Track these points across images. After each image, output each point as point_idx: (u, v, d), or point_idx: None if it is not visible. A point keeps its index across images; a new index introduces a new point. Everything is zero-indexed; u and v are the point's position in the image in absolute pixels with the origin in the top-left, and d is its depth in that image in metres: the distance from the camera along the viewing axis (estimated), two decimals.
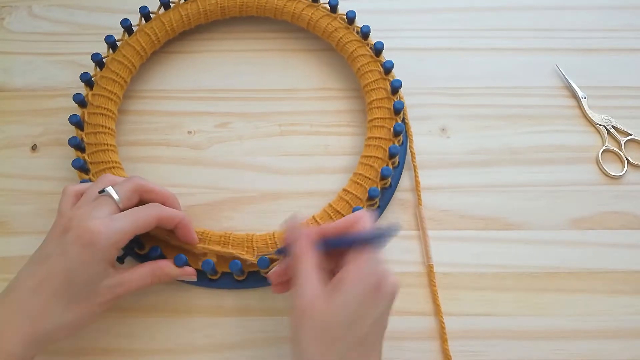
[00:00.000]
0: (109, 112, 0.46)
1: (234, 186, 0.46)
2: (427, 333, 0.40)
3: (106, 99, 0.46)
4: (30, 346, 0.33)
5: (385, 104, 0.45)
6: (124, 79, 0.47)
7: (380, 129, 0.45)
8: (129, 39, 0.49)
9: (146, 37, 0.49)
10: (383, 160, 0.43)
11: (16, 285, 0.34)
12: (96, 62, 0.48)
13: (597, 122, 0.48)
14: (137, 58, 0.48)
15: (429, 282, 0.42)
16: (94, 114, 0.45)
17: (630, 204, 0.45)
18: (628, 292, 0.42)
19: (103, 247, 0.33)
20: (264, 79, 0.51)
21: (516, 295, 0.42)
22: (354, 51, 0.48)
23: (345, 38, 0.48)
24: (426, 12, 0.54)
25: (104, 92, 0.46)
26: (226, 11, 0.51)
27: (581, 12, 0.54)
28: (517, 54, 0.52)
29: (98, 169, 0.43)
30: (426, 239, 0.43)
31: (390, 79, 0.46)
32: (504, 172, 0.46)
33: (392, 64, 0.46)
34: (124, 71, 0.47)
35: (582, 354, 0.40)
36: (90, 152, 0.44)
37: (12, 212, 0.45)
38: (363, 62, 0.47)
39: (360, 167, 0.44)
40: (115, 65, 0.47)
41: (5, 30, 0.54)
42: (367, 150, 0.44)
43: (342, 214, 0.42)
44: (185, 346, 0.40)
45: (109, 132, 0.45)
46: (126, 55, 0.48)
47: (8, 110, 0.50)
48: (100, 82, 0.47)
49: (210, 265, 0.39)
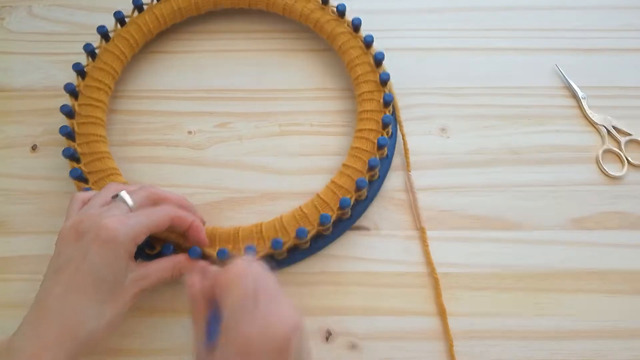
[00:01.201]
0: (99, 120, 0.46)
1: (234, 186, 0.46)
2: (429, 333, 0.40)
3: (94, 101, 0.46)
4: (74, 354, 0.32)
5: (375, 97, 0.46)
6: (108, 85, 0.47)
7: (369, 121, 0.45)
8: (108, 45, 0.48)
9: (124, 42, 0.48)
10: (378, 132, 0.44)
11: (43, 297, 0.33)
12: (78, 71, 0.47)
13: (597, 122, 0.48)
14: (118, 63, 0.48)
15: (422, 244, 0.43)
16: (84, 124, 0.45)
17: (630, 204, 0.45)
18: (628, 292, 0.42)
19: (123, 242, 0.33)
20: (264, 79, 0.51)
21: (516, 295, 0.42)
22: (344, 44, 0.48)
23: (336, 30, 0.48)
24: (426, 12, 0.54)
25: (95, 83, 0.46)
26: (200, 6, 0.51)
27: (581, 12, 0.54)
28: (517, 54, 0.52)
29: (97, 178, 0.43)
30: (416, 203, 0.44)
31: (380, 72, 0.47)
32: (504, 172, 0.46)
33: (382, 55, 0.46)
34: (108, 78, 0.47)
35: (582, 354, 0.40)
36: (87, 162, 0.44)
37: (12, 212, 0.45)
38: (353, 55, 0.47)
39: (356, 140, 0.44)
40: (97, 73, 0.47)
41: (5, 30, 0.54)
42: (361, 124, 0.45)
43: (345, 188, 0.42)
44: (185, 346, 0.40)
45: (101, 139, 0.45)
46: (107, 62, 0.47)
47: (8, 110, 0.50)
48: (85, 91, 0.46)
49: (224, 253, 0.39)
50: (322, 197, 0.42)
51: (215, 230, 0.41)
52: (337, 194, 0.42)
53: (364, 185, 0.41)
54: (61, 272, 0.33)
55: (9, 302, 0.43)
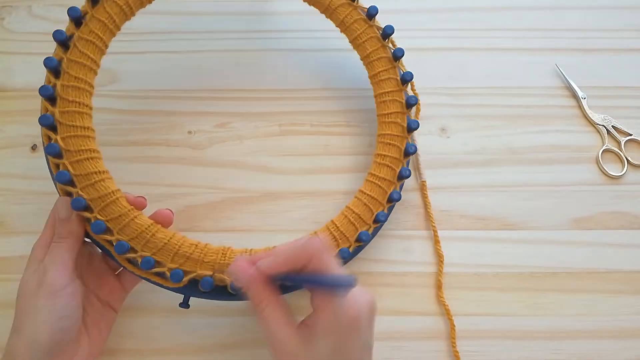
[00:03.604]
0: (85, 106, 0.39)
1: (234, 186, 0.46)
2: (429, 333, 0.40)
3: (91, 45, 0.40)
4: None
5: (397, 97, 0.44)
6: (95, 63, 0.40)
7: (392, 146, 0.43)
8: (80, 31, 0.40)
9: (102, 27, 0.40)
10: (399, 160, 0.42)
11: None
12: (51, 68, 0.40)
13: (597, 122, 0.48)
14: (97, 53, 0.40)
15: (422, 197, 0.44)
16: (67, 112, 0.38)
17: (630, 204, 0.45)
18: (628, 292, 0.42)
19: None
20: (264, 79, 0.51)
21: (516, 295, 0.42)
22: (363, 37, 0.45)
23: (356, 24, 0.46)
24: (427, 12, 0.54)
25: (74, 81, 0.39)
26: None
27: (581, 12, 0.54)
28: (517, 54, 0.52)
29: (67, 134, 0.38)
30: (418, 159, 0.45)
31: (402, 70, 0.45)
32: (504, 172, 0.46)
33: (402, 52, 0.45)
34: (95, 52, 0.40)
35: (582, 354, 0.40)
36: (63, 111, 0.38)
37: (12, 212, 0.45)
38: (372, 49, 0.45)
39: (375, 167, 0.42)
40: (75, 68, 0.39)
41: (5, 30, 0.54)
42: (380, 149, 0.43)
43: (361, 217, 0.40)
44: (185, 346, 0.40)
45: (88, 88, 0.39)
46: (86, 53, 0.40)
47: (8, 110, 0.50)
48: (64, 91, 0.39)
49: (178, 275, 0.36)
50: (354, 210, 0.41)
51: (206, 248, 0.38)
52: (368, 205, 0.41)
53: (398, 198, 0.41)
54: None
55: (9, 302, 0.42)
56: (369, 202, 0.41)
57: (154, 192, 0.46)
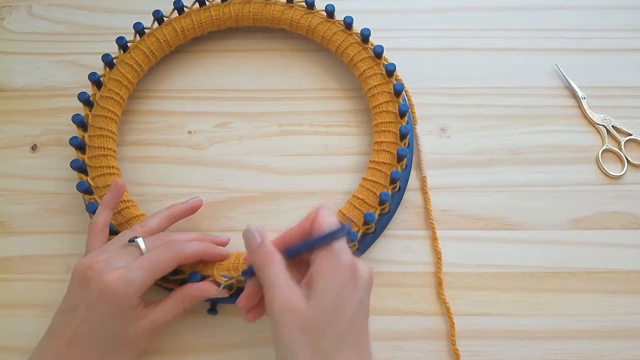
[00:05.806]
0: (113, 114, 0.46)
1: (234, 186, 0.46)
2: (429, 333, 0.40)
3: (111, 101, 0.46)
4: None
5: (390, 108, 0.45)
6: (132, 81, 0.47)
7: (387, 133, 0.44)
8: (124, 55, 0.48)
9: (142, 55, 0.48)
10: (392, 165, 0.43)
11: (53, 335, 0.35)
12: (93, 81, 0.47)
13: (597, 122, 0.48)
14: (134, 74, 0.47)
15: (422, 193, 0.44)
16: (98, 116, 0.45)
17: (630, 204, 0.45)
18: (628, 292, 0.42)
19: (123, 300, 0.34)
20: (264, 79, 0.51)
21: (516, 295, 0.42)
22: (355, 56, 0.47)
23: (345, 42, 0.48)
24: (426, 12, 0.54)
25: (110, 93, 0.46)
26: (221, 23, 0.50)
27: (581, 12, 0.54)
28: (517, 54, 0.52)
29: (96, 174, 0.43)
30: (420, 155, 0.46)
31: (394, 81, 0.46)
32: (504, 172, 0.46)
33: (394, 67, 0.46)
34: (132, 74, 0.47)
35: (582, 354, 0.40)
36: (91, 156, 0.44)
37: (12, 212, 0.46)
38: (365, 67, 0.47)
39: (369, 172, 0.43)
40: (112, 84, 0.47)
41: (5, 30, 0.54)
42: (375, 156, 0.44)
43: (354, 221, 0.41)
44: (185, 346, 0.40)
45: (111, 135, 0.45)
46: (124, 73, 0.47)
47: (8, 110, 0.50)
48: (108, 83, 0.47)
49: (197, 278, 0.39)
50: (344, 213, 0.42)
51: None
52: (360, 209, 0.41)
53: (387, 199, 0.41)
54: (69, 316, 0.34)
55: (9, 302, 0.43)
56: (372, 187, 0.42)
57: (154, 192, 0.46)
